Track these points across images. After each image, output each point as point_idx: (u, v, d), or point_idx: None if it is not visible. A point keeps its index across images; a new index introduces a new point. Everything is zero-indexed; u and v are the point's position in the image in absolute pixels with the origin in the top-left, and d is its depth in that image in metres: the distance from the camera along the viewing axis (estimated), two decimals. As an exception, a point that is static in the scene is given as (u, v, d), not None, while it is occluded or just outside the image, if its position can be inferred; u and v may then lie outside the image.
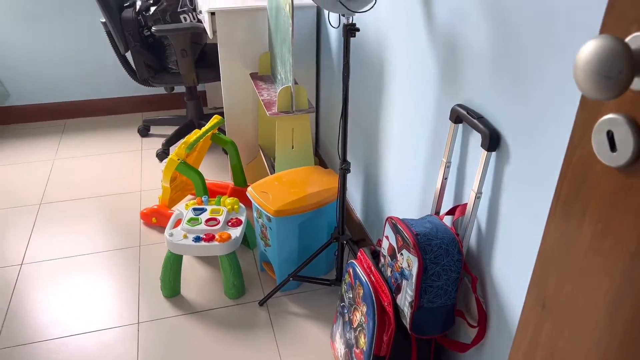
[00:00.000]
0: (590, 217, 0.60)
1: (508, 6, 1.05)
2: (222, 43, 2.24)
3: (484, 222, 1.24)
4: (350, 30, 1.46)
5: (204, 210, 1.92)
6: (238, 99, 2.38)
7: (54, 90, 3.11)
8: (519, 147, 1.07)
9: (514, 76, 1.06)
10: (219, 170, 2.71)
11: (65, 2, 2.87)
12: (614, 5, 0.52)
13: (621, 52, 0.46)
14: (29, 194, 2.48)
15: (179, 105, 3.35)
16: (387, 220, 1.36)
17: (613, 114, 0.53)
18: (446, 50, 1.30)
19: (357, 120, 2.01)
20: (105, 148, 2.89)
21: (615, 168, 0.55)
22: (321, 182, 1.90)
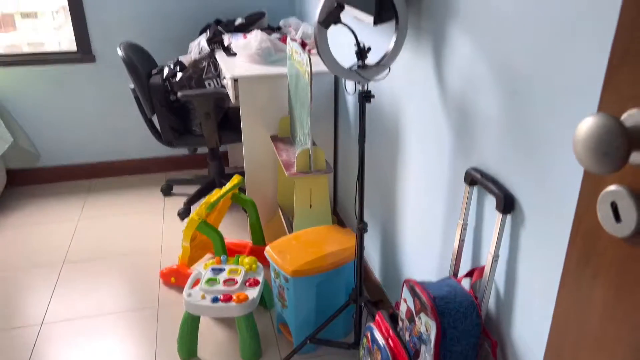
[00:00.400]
0: (602, 284, 0.60)
1: (517, 77, 1.09)
2: (244, 107, 2.33)
3: (502, 284, 1.23)
4: (366, 97, 1.52)
5: (223, 270, 1.94)
6: (258, 160, 2.45)
7: (82, 151, 3.23)
8: (534, 210, 1.08)
9: (526, 142, 1.08)
10: (238, 228, 2.75)
11: (98, 69, 3.05)
12: (610, 83, 0.56)
13: (616, 130, 0.48)
14: (52, 253, 2.53)
15: (202, 165, 3.44)
16: (405, 283, 1.36)
17: (615, 186, 0.55)
18: (459, 116, 1.35)
19: (374, 180, 2.04)
20: (128, 207, 2.97)
21: (621, 238, 0.56)
22: (339, 242, 1.91)
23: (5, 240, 2.64)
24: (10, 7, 3.00)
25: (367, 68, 1.47)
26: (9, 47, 3.10)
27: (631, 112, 0.52)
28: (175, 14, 3.03)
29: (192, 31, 3.08)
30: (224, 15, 3.08)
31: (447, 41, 1.36)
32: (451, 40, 1.34)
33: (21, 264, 2.44)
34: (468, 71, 1.28)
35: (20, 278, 2.35)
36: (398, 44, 1.47)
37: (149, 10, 2.99)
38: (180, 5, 3.01)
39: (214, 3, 3.06)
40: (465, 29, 1.27)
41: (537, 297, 1.10)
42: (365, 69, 1.47)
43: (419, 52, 1.53)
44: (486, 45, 1.19)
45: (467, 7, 1.25)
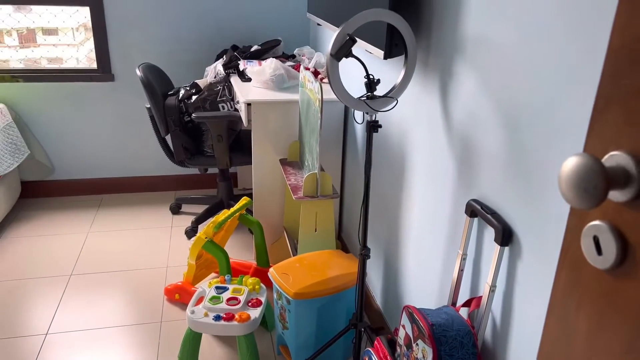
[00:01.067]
0: (585, 314, 0.64)
1: (519, 114, 1.14)
2: (255, 131, 2.40)
3: (499, 315, 1.26)
4: (373, 127, 1.57)
5: (226, 289, 1.97)
6: (267, 182, 2.50)
7: (95, 166, 3.31)
8: (531, 243, 1.12)
9: (525, 177, 1.13)
10: (243, 249, 2.78)
11: (116, 88, 3.15)
12: (594, 126, 0.60)
13: (596, 169, 0.53)
14: (61, 265, 2.58)
15: (211, 185, 3.50)
16: (404, 309, 1.39)
17: (598, 221, 0.59)
18: (463, 149, 1.39)
19: (378, 208, 2.08)
20: (137, 223, 3.02)
21: (603, 270, 0.60)
22: (342, 267, 1.94)
23: (16, 249, 2.70)
24: (32, 23, 3.12)
25: (375, 99, 1.53)
26: (29, 61, 3.21)
27: (612, 153, 0.57)
28: (193, 38, 3.13)
29: (209, 56, 3.18)
30: (240, 41, 3.19)
31: (453, 77, 1.42)
32: (457, 77, 1.40)
33: (30, 274, 2.49)
34: (472, 106, 1.33)
35: (28, 287, 2.39)
36: (406, 78, 1.54)
37: (168, 34, 3.10)
38: (199, 31, 3.13)
39: (232, 30, 3.17)
40: (470, 67, 1.33)
41: (532, 328, 1.13)
42: (374, 100, 1.53)
43: (426, 86, 1.59)
44: (490, 83, 1.24)
45: (473, 46, 1.31)
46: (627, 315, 0.57)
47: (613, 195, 0.56)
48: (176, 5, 3.05)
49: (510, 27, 1.15)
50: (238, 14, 3.14)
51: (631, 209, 0.55)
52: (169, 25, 3.08)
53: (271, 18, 3.19)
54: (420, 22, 1.60)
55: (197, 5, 3.07)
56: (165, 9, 3.04)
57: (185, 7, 3.06)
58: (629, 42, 0.54)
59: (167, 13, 3.05)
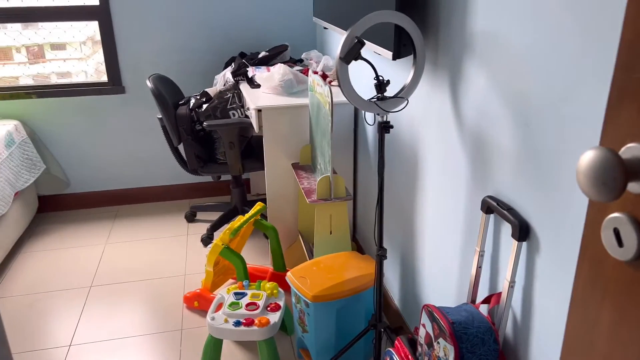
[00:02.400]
0: (608, 306, 0.64)
1: (530, 109, 1.14)
2: (267, 136, 2.42)
3: (519, 311, 1.26)
4: (385, 128, 1.58)
5: (245, 295, 1.99)
6: (280, 187, 2.52)
7: (109, 178, 3.36)
8: (548, 237, 1.12)
9: (539, 171, 1.13)
10: (260, 254, 2.80)
11: (128, 100, 3.19)
12: (610, 120, 0.61)
13: (614, 162, 0.53)
14: (80, 277, 2.62)
15: (225, 192, 3.53)
16: (424, 308, 1.39)
17: (617, 213, 0.60)
18: (475, 146, 1.40)
19: (393, 208, 2.08)
20: (153, 233, 3.05)
21: (624, 262, 0.60)
22: (359, 268, 1.95)
23: (35, 263, 2.74)
24: (40, 39, 3.17)
25: (386, 100, 1.54)
26: (40, 77, 3.27)
27: (629, 145, 0.57)
28: (202, 48, 3.17)
29: (218, 64, 3.21)
30: (248, 48, 3.21)
31: (462, 75, 1.42)
32: (466, 75, 1.40)
33: (51, 287, 2.53)
34: (483, 103, 1.33)
35: (49, 300, 2.43)
36: (416, 78, 1.54)
37: (177, 45, 3.13)
38: (207, 40, 3.16)
39: (239, 37, 3.19)
40: (479, 64, 1.33)
41: (553, 322, 1.13)
42: (384, 101, 1.54)
43: (435, 85, 1.59)
44: (499, 80, 1.25)
45: (482, 44, 1.31)
46: (651, 305, 0.57)
47: (632, 187, 0.57)
48: (183, 16, 3.08)
49: (519, 23, 1.15)
50: (244, 22, 3.17)
51: (651, 200, 0.56)
52: (176, 36, 3.11)
53: (277, 24, 3.21)
54: (428, 22, 1.61)
55: (203, 14, 3.10)
56: (172, 20, 3.08)
57: (192, 17, 3.09)
58: (641, 35, 0.54)
59: (174, 24, 3.09)
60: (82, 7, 2.98)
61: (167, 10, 3.05)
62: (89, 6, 2.99)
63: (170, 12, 3.06)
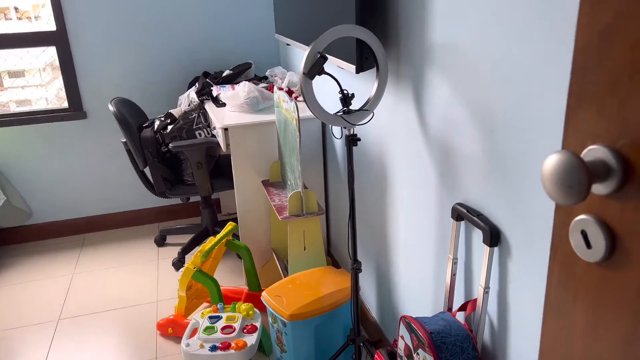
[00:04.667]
0: (581, 307, 0.64)
1: (493, 116, 1.16)
2: (235, 154, 2.39)
3: (495, 316, 1.26)
4: (352, 141, 1.58)
5: (220, 318, 1.94)
6: (251, 205, 2.49)
7: (75, 206, 3.25)
8: (519, 241, 1.13)
9: (506, 177, 1.14)
10: (233, 275, 2.75)
11: (90, 125, 3.11)
12: (570, 123, 0.62)
13: (577, 165, 0.54)
14: (47, 311, 2.51)
15: (195, 214, 3.47)
16: (401, 319, 1.38)
17: (584, 215, 0.60)
18: (442, 154, 1.41)
19: (365, 220, 2.08)
20: (123, 260, 2.97)
21: (594, 263, 0.61)
22: (335, 283, 1.93)
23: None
24: None
25: (352, 113, 1.55)
26: None
27: (590, 148, 0.58)
28: (164, 69, 3.13)
29: (182, 85, 3.18)
30: (211, 67, 3.19)
31: (425, 85, 1.44)
32: (429, 84, 1.42)
33: (16, 323, 2.42)
34: (447, 112, 1.35)
35: (16, 337, 2.32)
36: (380, 90, 1.55)
37: (138, 67, 3.08)
38: (170, 61, 3.12)
39: (202, 57, 3.17)
40: (441, 74, 1.35)
41: (529, 326, 1.14)
42: (350, 114, 1.54)
43: (400, 96, 1.61)
44: (462, 88, 1.26)
45: (442, 54, 1.33)
46: (622, 305, 0.58)
47: (596, 189, 0.57)
48: (143, 37, 3.04)
49: (476, 32, 1.18)
50: (207, 41, 3.15)
51: (615, 200, 0.56)
52: (138, 58, 3.07)
53: (240, 42, 3.21)
54: (389, 34, 1.63)
55: (164, 35, 3.07)
56: (133, 42, 3.03)
57: (153, 38, 3.06)
58: (595, 39, 0.56)
59: (136, 46, 3.04)
60: (39, 34, 2.91)
61: (127, 33, 3.01)
62: (45, 32, 2.92)
63: (130, 34, 3.02)
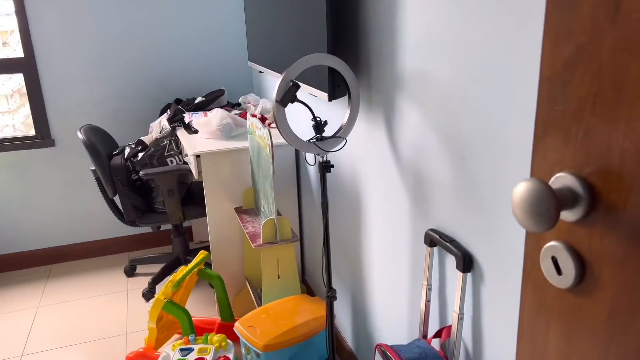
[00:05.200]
0: (554, 333, 0.64)
1: (463, 143, 1.18)
2: (207, 182, 2.36)
3: (470, 342, 1.26)
4: (326, 167, 1.58)
5: (192, 350, 1.88)
6: (224, 233, 2.45)
7: (40, 236, 3.15)
8: (491, 267, 1.14)
9: (477, 203, 1.15)
10: (205, 305, 2.69)
11: (58, 153, 3.04)
12: (537, 151, 0.63)
13: (546, 193, 0.55)
14: (10, 346, 2.40)
15: (165, 242, 3.40)
16: (377, 347, 1.36)
17: (554, 242, 0.61)
18: (414, 180, 1.42)
19: (340, 247, 2.07)
20: (91, 291, 2.87)
21: (565, 290, 0.61)
22: (309, 311, 1.90)
23: (-44, 336, 2.49)
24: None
25: (325, 140, 1.55)
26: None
27: (558, 175, 0.59)
28: (135, 96, 3.10)
29: (153, 112, 3.15)
30: (183, 94, 3.18)
31: (396, 112, 1.46)
32: (400, 111, 1.44)
33: (-26, 361, 2.30)
34: (418, 139, 1.37)
35: (-28, 376, 2.20)
36: (352, 117, 1.57)
37: (108, 94, 3.05)
38: (141, 88, 3.09)
39: (174, 83, 3.15)
40: (412, 101, 1.37)
41: (504, 352, 1.14)
42: (323, 141, 1.55)
43: (372, 122, 1.62)
44: (431, 115, 1.28)
45: (412, 81, 1.36)
46: (594, 330, 0.58)
47: (564, 216, 0.58)
48: (114, 64, 3.01)
49: (444, 61, 1.20)
50: (179, 68, 3.14)
51: (583, 227, 0.57)
52: (108, 85, 3.03)
53: (213, 69, 3.21)
54: (360, 62, 1.65)
55: (135, 61, 3.05)
56: (103, 69, 3.00)
57: (124, 64, 3.03)
58: (559, 69, 0.57)
59: (105, 72, 3.01)
60: (7, 60, 2.86)
61: (97, 60, 2.98)
62: (13, 59, 2.86)
63: (100, 62, 2.99)
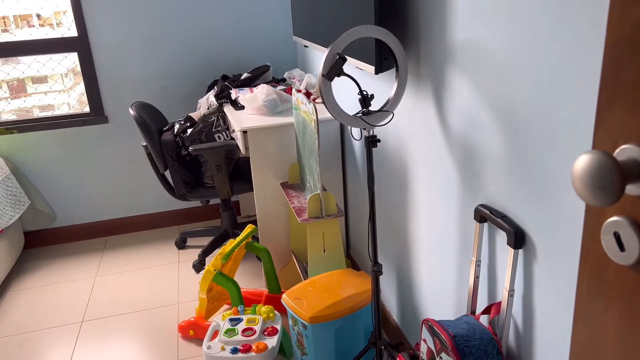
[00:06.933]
0: (614, 314, 0.62)
1: (516, 116, 1.14)
2: (254, 157, 2.39)
3: (520, 319, 1.23)
4: (372, 142, 1.57)
5: (240, 320, 1.94)
6: (270, 208, 2.49)
7: (96, 209, 3.30)
8: (544, 243, 1.11)
9: (531, 177, 1.12)
10: (253, 277, 2.76)
11: (111, 129, 3.15)
12: (601, 122, 0.60)
13: (610, 165, 0.52)
14: (71, 313, 2.55)
15: (214, 216, 3.49)
16: (424, 322, 1.36)
17: (617, 217, 0.58)
18: (464, 155, 1.39)
19: (385, 221, 2.06)
20: (144, 262, 3.00)
21: (627, 266, 0.59)
22: (355, 285, 1.92)
23: (24, 301, 2.67)
24: (22, 74, 3.14)
25: (371, 114, 1.53)
26: (22, 111, 3.23)
27: (623, 147, 0.56)
28: (183, 73, 3.15)
29: (201, 88, 3.20)
30: (230, 71, 3.21)
31: (446, 85, 1.42)
32: (450, 84, 1.40)
33: (41, 325, 2.46)
34: (468, 112, 1.33)
35: (40, 339, 2.36)
36: (399, 90, 1.54)
37: (158, 71, 3.11)
38: (188, 65, 3.14)
39: (220, 60, 3.19)
40: (462, 73, 1.33)
41: (556, 331, 1.11)
42: (369, 115, 1.53)
43: (420, 96, 1.59)
44: (483, 88, 1.24)
45: (463, 53, 1.31)
46: (658, 310, 0.56)
47: (629, 189, 0.55)
48: (162, 42, 3.07)
49: (499, 30, 1.15)
50: (225, 44, 3.16)
51: (649, 201, 0.54)
52: (157, 62, 3.10)
53: (258, 45, 3.22)
54: (408, 34, 1.61)
55: (183, 39, 3.09)
56: (153, 47, 3.06)
57: (172, 42, 3.08)
58: (627, 34, 0.54)
59: (154, 50, 3.07)
60: (61, 40, 2.96)
61: (146, 38, 3.04)
62: (67, 38, 2.97)
63: (149, 40, 3.05)
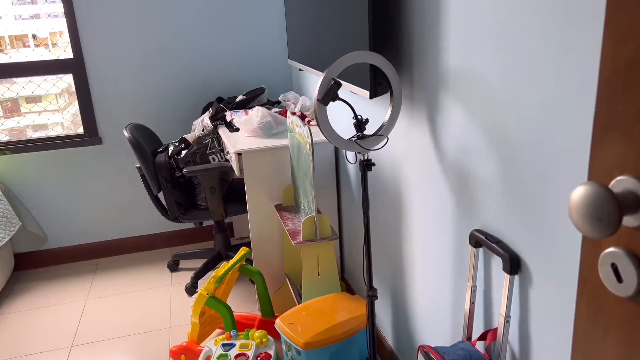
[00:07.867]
0: (612, 343, 0.62)
1: (510, 144, 1.14)
2: (248, 179, 2.39)
3: (517, 346, 1.22)
4: (367, 166, 1.57)
5: (233, 346, 1.91)
6: (264, 230, 2.48)
7: (88, 231, 3.27)
8: (540, 269, 1.10)
9: (526, 204, 1.12)
10: (247, 301, 2.73)
11: (105, 150, 3.14)
12: (596, 153, 0.60)
13: (607, 197, 0.52)
14: (61, 337, 2.50)
15: (208, 238, 3.46)
16: (419, 348, 1.35)
17: (614, 248, 0.58)
18: (458, 179, 1.39)
19: (380, 245, 2.06)
20: (135, 285, 2.96)
21: (625, 298, 0.58)
22: (349, 310, 1.90)
23: (13, 325, 2.62)
24: (14, 93, 3.14)
25: (366, 138, 1.54)
26: (15, 131, 3.21)
27: (619, 178, 0.57)
28: (178, 95, 3.16)
29: (196, 110, 3.21)
30: (225, 93, 3.23)
31: (440, 110, 1.43)
32: (444, 109, 1.41)
33: (30, 349, 2.41)
34: (462, 137, 1.34)
35: (27, 365, 2.31)
36: (394, 115, 1.55)
37: (153, 93, 3.12)
38: (184, 87, 3.16)
39: (215, 83, 3.20)
40: (456, 99, 1.34)
41: (553, 357, 1.10)
42: (364, 139, 1.54)
43: (414, 120, 1.60)
44: (477, 114, 1.25)
45: (457, 79, 1.33)
46: (657, 342, 0.55)
47: (626, 221, 0.56)
48: (158, 64, 3.09)
49: (492, 58, 1.17)
50: (220, 67, 3.19)
51: (646, 233, 0.54)
52: (152, 84, 3.11)
53: (253, 67, 3.24)
54: (402, 60, 1.63)
55: (178, 62, 3.11)
56: (147, 69, 3.08)
57: (167, 65, 3.10)
58: (621, 68, 0.54)
59: (149, 72, 3.09)
60: (57, 61, 2.97)
61: (141, 60, 3.06)
62: (63, 60, 2.97)
63: (145, 62, 3.06)
